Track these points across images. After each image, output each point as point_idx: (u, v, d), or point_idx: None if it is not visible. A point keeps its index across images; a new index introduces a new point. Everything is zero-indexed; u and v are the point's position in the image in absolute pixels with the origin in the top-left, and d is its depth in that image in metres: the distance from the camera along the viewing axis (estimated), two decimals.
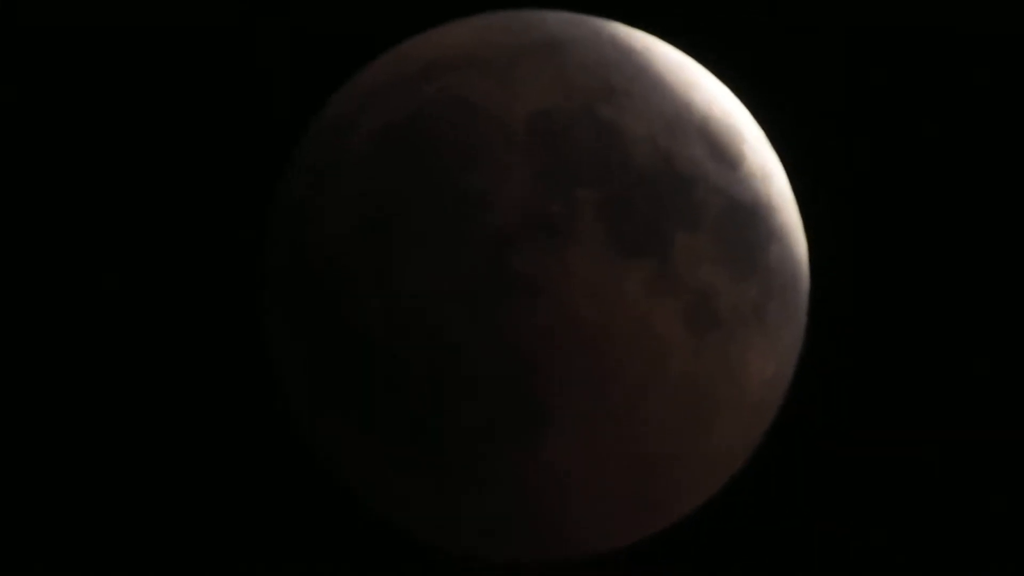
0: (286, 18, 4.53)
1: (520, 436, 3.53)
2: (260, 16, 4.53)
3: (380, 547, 4.29)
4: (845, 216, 4.58)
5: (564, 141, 3.54)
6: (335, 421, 3.71)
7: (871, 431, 4.57)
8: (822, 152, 4.59)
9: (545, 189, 3.49)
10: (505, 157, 3.51)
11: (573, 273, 3.47)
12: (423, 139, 3.57)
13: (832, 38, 4.67)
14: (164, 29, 4.53)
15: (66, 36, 4.54)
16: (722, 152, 3.74)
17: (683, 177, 3.62)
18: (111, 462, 4.47)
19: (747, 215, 3.72)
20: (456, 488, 3.64)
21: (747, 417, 3.78)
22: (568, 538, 3.79)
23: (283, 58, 4.53)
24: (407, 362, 3.51)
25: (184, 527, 4.43)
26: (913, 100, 4.66)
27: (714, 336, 3.62)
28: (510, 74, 3.62)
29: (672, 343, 3.56)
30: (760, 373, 3.76)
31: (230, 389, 4.43)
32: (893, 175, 4.65)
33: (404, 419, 3.57)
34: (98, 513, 4.44)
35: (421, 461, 3.61)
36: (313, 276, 3.64)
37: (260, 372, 4.15)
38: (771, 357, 3.78)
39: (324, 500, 4.32)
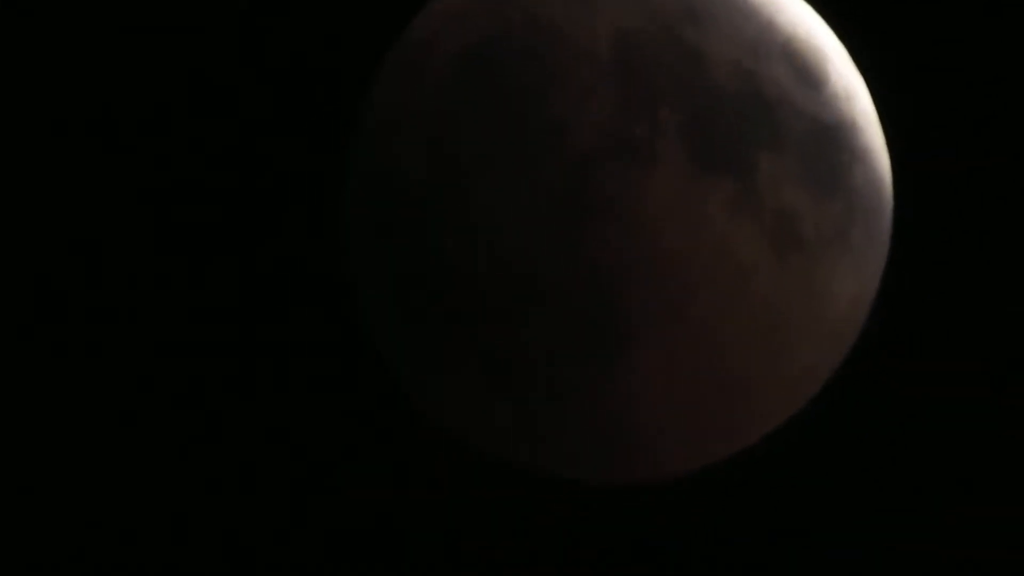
0: None
1: (600, 357, 3.55)
2: None
3: (462, 470, 4.35)
4: (931, 139, 4.53)
5: (646, 63, 3.53)
6: (417, 347, 3.75)
7: (952, 361, 4.54)
8: (908, 72, 4.54)
9: (627, 111, 3.49)
10: (586, 79, 3.51)
11: (654, 194, 3.47)
12: (503, 61, 3.57)
13: None
14: None
15: None
16: (806, 73, 3.71)
17: (766, 98, 3.60)
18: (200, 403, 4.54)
19: (831, 136, 3.70)
20: (537, 409, 3.67)
21: (828, 340, 3.78)
22: (650, 458, 3.81)
23: None
24: (488, 285, 3.54)
25: (268, 450, 4.50)
26: (1005, 24, 4.59)
27: (796, 257, 3.61)
28: None
29: (754, 264, 3.56)
30: (843, 295, 3.75)
31: (311, 317, 4.48)
32: (981, 95, 4.59)
33: (486, 343, 3.60)
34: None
35: (503, 384, 3.65)
36: (394, 199, 3.67)
37: (342, 297, 4.21)
38: (854, 279, 3.77)
39: (405, 426, 4.37)
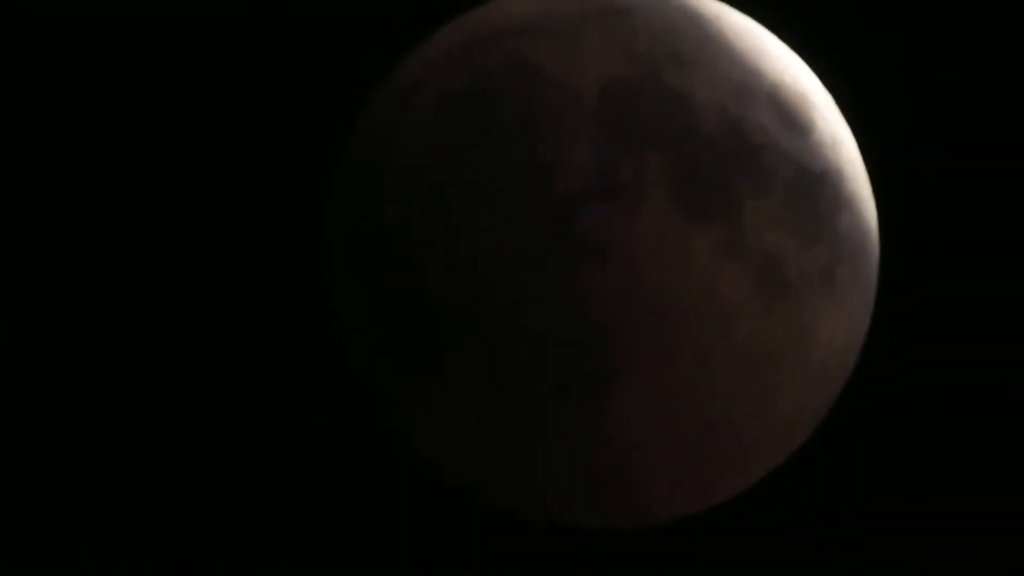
0: None
1: (587, 398, 3.57)
2: None
3: (447, 512, 4.35)
4: (916, 183, 4.57)
5: (631, 107, 3.56)
6: (402, 386, 3.77)
7: (942, 398, 4.55)
8: (893, 120, 4.58)
9: (612, 154, 3.52)
10: (571, 122, 3.54)
11: (640, 237, 3.50)
12: (489, 104, 3.61)
13: (906, 4, 4.66)
14: None
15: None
16: (792, 119, 3.74)
17: (752, 144, 3.63)
18: (182, 436, 4.55)
19: (816, 182, 3.73)
20: (523, 451, 3.69)
21: (815, 383, 3.79)
22: (638, 501, 3.82)
23: (351, 24, 4.58)
24: (474, 326, 3.56)
25: (251, 493, 4.49)
26: (989, 68, 4.63)
27: (782, 301, 3.63)
28: (576, 40, 3.65)
29: (740, 307, 3.58)
30: (829, 338, 3.76)
31: (297, 357, 4.49)
32: (965, 144, 4.63)
33: (471, 383, 3.62)
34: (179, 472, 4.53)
35: (488, 424, 3.66)
36: (379, 242, 3.69)
37: (327, 338, 4.22)
38: (840, 323, 3.79)
39: (391, 464, 4.37)
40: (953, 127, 4.63)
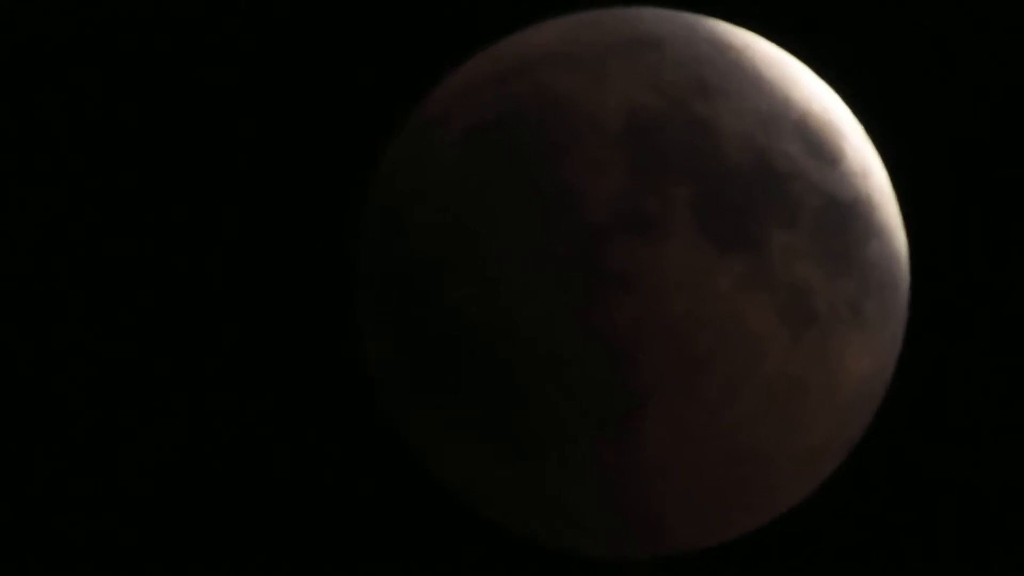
0: (384, 18, 4.59)
1: (613, 429, 3.56)
2: (359, 15, 4.60)
3: (470, 538, 4.33)
4: (947, 213, 4.54)
5: (658, 137, 3.56)
6: (429, 416, 3.77)
7: (973, 432, 4.51)
8: (925, 148, 4.56)
9: (639, 185, 3.52)
10: (598, 153, 3.54)
11: (666, 268, 3.49)
12: (516, 135, 3.61)
13: (936, 33, 4.64)
14: (266, 23, 4.62)
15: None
16: (820, 149, 3.73)
17: (779, 174, 3.62)
18: (208, 459, 4.56)
19: (846, 212, 3.71)
20: (549, 481, 3.67)
21: (843, 414, 3.77)
22: (661, 532, 3.80)
23: (379, 58, 4.59)
24: (501, 357, 3.55)
25: (280, 517, 4.50)
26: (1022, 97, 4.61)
27: (810, 332, 3.61)
28: (603, 70, 3.65)
29: (766, 339, 3.56)
30: (857, 370, 3.74)
31: (324, 384, 4.50)
32: (996, 172, 4.60)
33: (498, 413, 3.61)
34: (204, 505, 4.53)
35: (514, 453, 3.65)
36: (407, 273, 3.70)
37: (354, 367, 4.22)
38: (868, 354, 3.76)
39: (417, 493, 4.37)
40: (986, 157, 4.60)
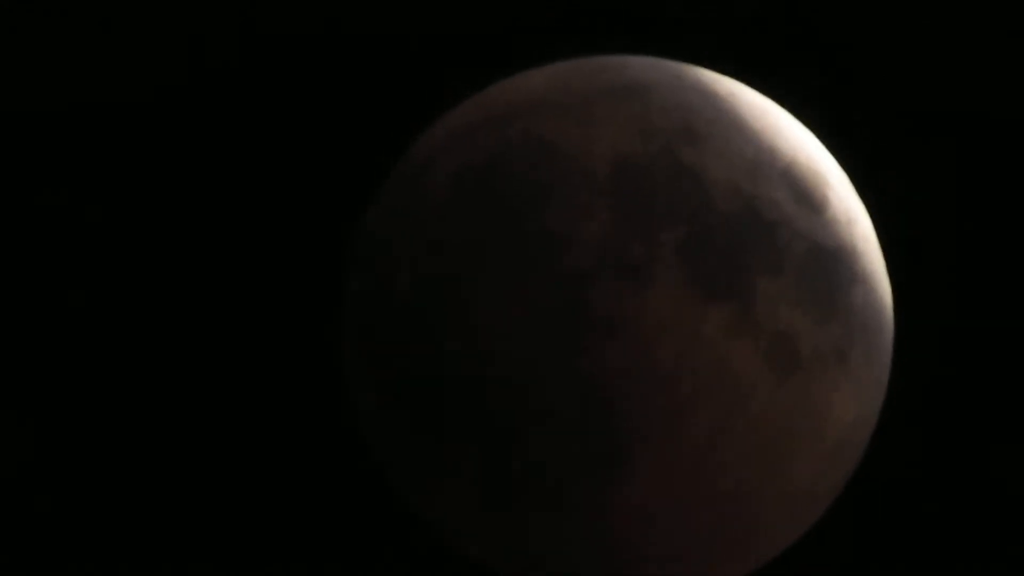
0: (370, 63, 4.62)
1: (598, 474, 3.57)
2: (346, 59, 4.63)
3: None
4: (931, 259, 4.57)
5: (644, 183, 3.58)
6: (414, 459, 3.78)
7: (960, 473, 4.53)
8: (910, 197, 4.59)
9: (624, 230, 3.54)
10: (584, 198, 3.57)
11: (652, 314, 3.51)
12: (503, 180, 3.63)
13: (923, 83, 4.68)
14: (256, 66, 4.65)
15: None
16: (806, 197, 3.75)
17: (765, 221, 3.64)
18: (192, 490, 4.57)
19: (830, 259, 3.73)
20: (534, 526, 3.68)
21: (828, 460, 3.78)
22: None
23: (367, 103, 4.63)
24: (485, 400, 3.57)
25: (270, 558, 4.50)
26: (1007, 146, 4.65)
27: (795, 378, 3.63)
28: (590, 116, 3.68)
29: (751, 384, 3.58)
30: (842, 416, 3.76)
31: (308, 428, 4.51)
32: (980, 219, 4.63)
33: (482, 457, 3.62)
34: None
35: (499, 499, 3.66)
36: (392, 315, 3.71)
37: (337, 408, 4.23)
38: (853, 400, 3.78)
39: (403, 537, 4.37)
40: (969, 204, 4.64)
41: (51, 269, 4.59)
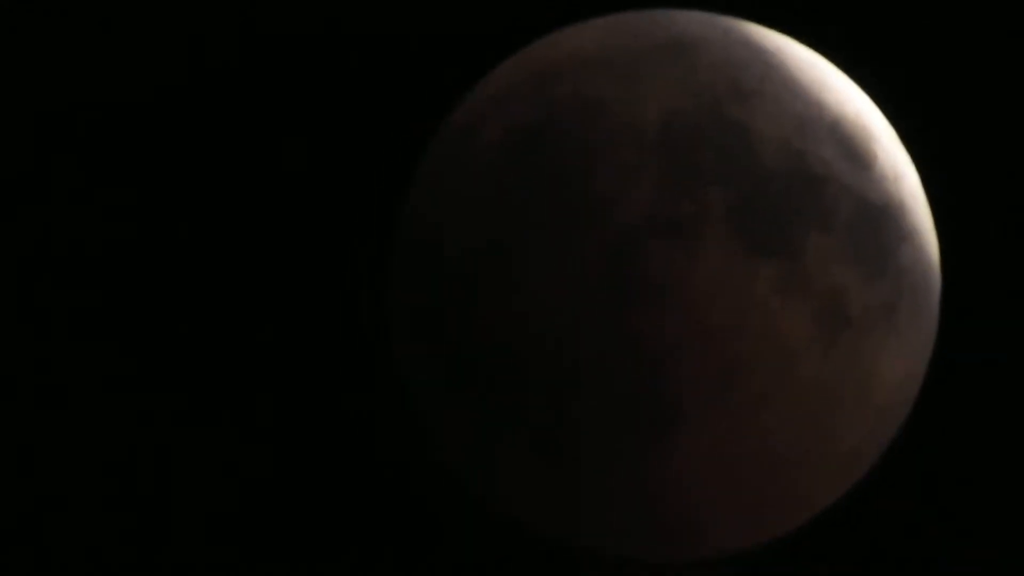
0: (414, 23, 4.59)
1: (649, 436, 3.55)
2: (389, 21, 4.60)
3: (507, 547, 4.33)
4: (979, 217, 4.53)
5: (692, 141, 3.55)
6: (465, 427, 3.76)
7: (1004, 437, 4.50)
8: (957, 152, 4.55)
9: (673, 189, 3.51)
10: (632, 157, 3.53)
11: (701, 274, 3.48)
12: (549, 141, 3.60)
13: (969, 37, 4.62)
14: (291, 34, 4.62)
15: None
16: (854, 153, 3.72)
17: (814, 177, 3.61)
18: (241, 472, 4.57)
19: (878, 216, 3.70)
20: (585, 487, 3.67)
21: (876, 419, 3.76)
22: (696, 536, 3.80)
23: (411, 64, 4.59)
24: (534, 363, 3.55)
25: (312, 527, 4.51)
26: None
27: (844, 337, 3.60)
28: (636, 74, 3.64)
29: (801, 344, 3.55)
30: (891, 375, 3.73)
31: (357, 397, 4.50)
32: None
33: (533, 421, 3.60)
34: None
35: (548, 461, 3.65)
36: (441, 281, 3.69)
37: (387, 378, 4.22)
38: (902, 359, 3.76)
39: (452, 504, 4.37)
40: (1018, 160, 4.59)
41: (74, 271, 4.58)
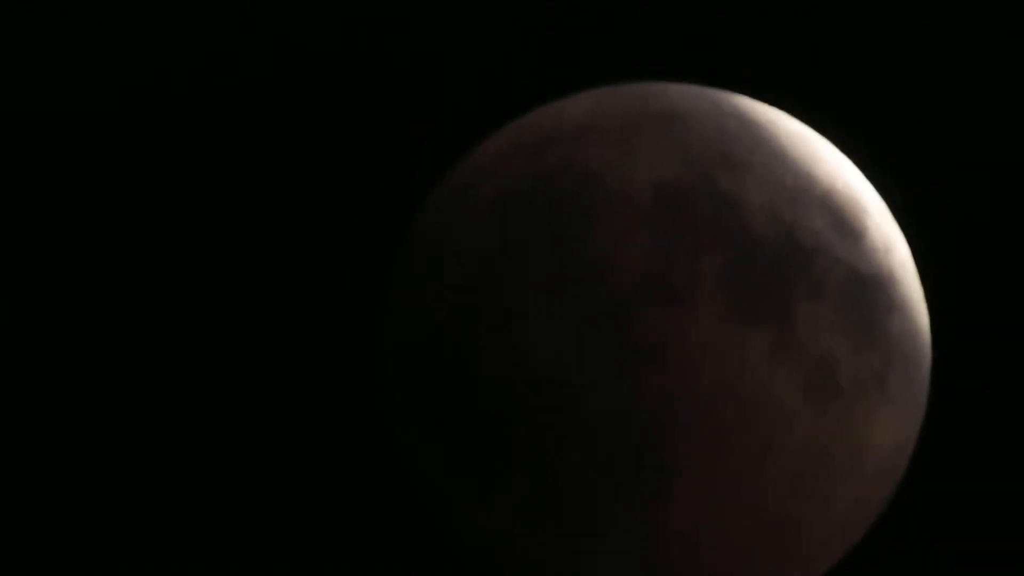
0: (409, 92, 4.65)
1: (640, 500, 3.57)
2: (385, 89, 4.66)
3: None
4: (969, 285, 4.58)
5: (684, 210, 3.60)
6: (455, 483, 3.78)
7: (996, 502, 4.53)
8: (946, 223, 4.60)
9: (665, 257, 3.55)
10: (624, 225, 3.58)
11: (693, 340, 3.52)
12: (542, 207, 3.65)
13: (961, 112, 4.69)
14: (293, 94, 4.68)
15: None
16: (845, 224, 3.76)
17: (804, 248, 3.65)
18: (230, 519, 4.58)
19: (869, 286, 3.74)
20: (577, 550, 3.69)
21: (867, 485, 3.79)
22: None
23: (406, 131, 4.65)
24: (527, 427, 3.58)
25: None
26: None
27: (835, 405, 3.63)
28: (629, 143, 3.70)
29: (792, 410, 3.58)
30: (881, 442, 3.76)
31: (349, 453, 4.53)
32: (1019, 247, 4.64)
33: (526, 482, 3.63)
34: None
35: (542, 524, 3.67)
36: (432, 343, 3.73)
37: (379, 436, 4.25)
38: (892, 426, 3.79)
39: (443, 561, 4.38)
40: (1007, 234, 4.64)
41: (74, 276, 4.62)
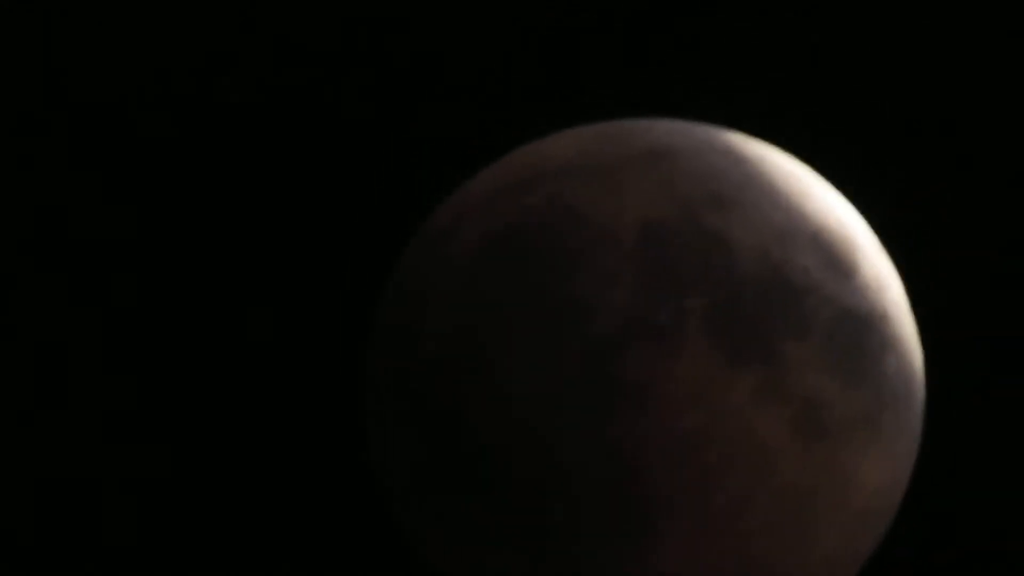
0: (391, 131, 4.64)
1: (624, 542, 3.54)
2: (365, 128, 4.65)
3: None
4: (963, 324, 4.54)
5: (670, 249, 3.57)
6: (437, 525, 3.76)
7: (990, 542, 4.49)
8: (939, 262, 4.57)
9: (650, 297, 3.53)
10: (610, 264, 3.56)
11: (679, 381, 3.49)
12: (526, 246, 3.63)
13: (953, 147, 4.66)
14: (275, 138, 4.67)
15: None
16: (835, 262, 3.73)
17: (794, 287, 3.62)
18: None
19: (860, 325, 3.71)
20: None
21: (856, 527, 3.75)
22: None
23: (388, 170, 4.64)
24: (510, 468, 3.55)
25: None
26: None
27: (822, 445, 3.60)
28: (615, 182, 3.68)
29: (779, 451, 3.55)
30: (871, 483, 3.73)
31: (332, 496, 4.51)
32: (1013, 284, 4.61)
33: (508, 525, 3.60)
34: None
35: (524, 566, 3.64)
36: (416, 385, 3.70)
37: (362, 478, 4.23)
38: (883, 467, 3.75)
39: None
40: (1002, 270, 4.61)
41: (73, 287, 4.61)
